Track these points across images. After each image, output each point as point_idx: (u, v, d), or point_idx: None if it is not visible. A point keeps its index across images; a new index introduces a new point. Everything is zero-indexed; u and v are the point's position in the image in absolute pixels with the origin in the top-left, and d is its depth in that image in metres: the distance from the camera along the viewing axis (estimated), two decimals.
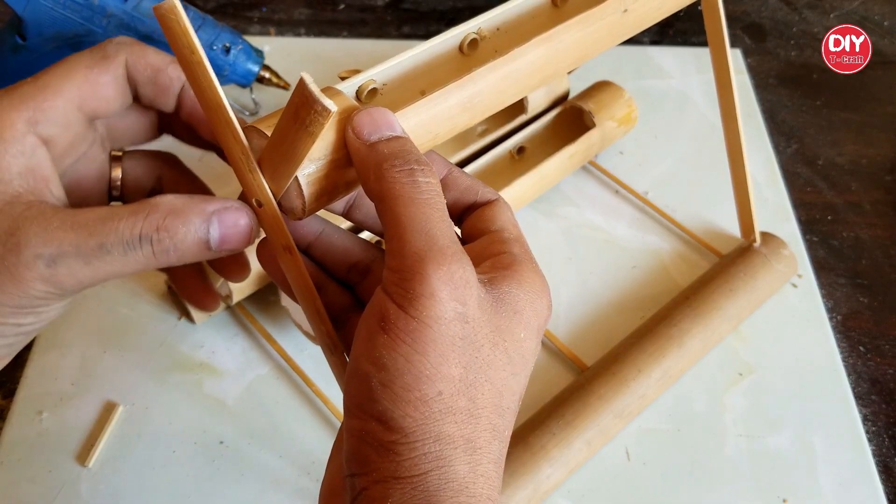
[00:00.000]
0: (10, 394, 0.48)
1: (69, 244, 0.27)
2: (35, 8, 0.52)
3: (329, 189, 0.28)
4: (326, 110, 0.24)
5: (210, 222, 0.28)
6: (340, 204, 0.31)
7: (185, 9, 0.56)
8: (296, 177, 0.27)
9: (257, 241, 0.30)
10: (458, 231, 0.31)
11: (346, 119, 0.27)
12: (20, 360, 0.50)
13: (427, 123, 0.30)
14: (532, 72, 0.33)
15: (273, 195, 0.28)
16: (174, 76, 0.32)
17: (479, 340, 0.25)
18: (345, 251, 0.32)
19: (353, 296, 0.32)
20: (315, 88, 0.24)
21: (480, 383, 0.25)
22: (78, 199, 0.34)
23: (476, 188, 0.31)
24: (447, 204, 0.30)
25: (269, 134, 0.27)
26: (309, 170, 0.27)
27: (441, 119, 0.30)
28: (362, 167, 0.26)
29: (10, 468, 0.45)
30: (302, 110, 0.24)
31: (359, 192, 0.31)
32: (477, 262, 0.27)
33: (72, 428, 0.46)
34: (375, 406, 0.24)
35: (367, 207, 0.32)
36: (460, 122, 0.31)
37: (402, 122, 0.29)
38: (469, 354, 0.25)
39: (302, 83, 0.24)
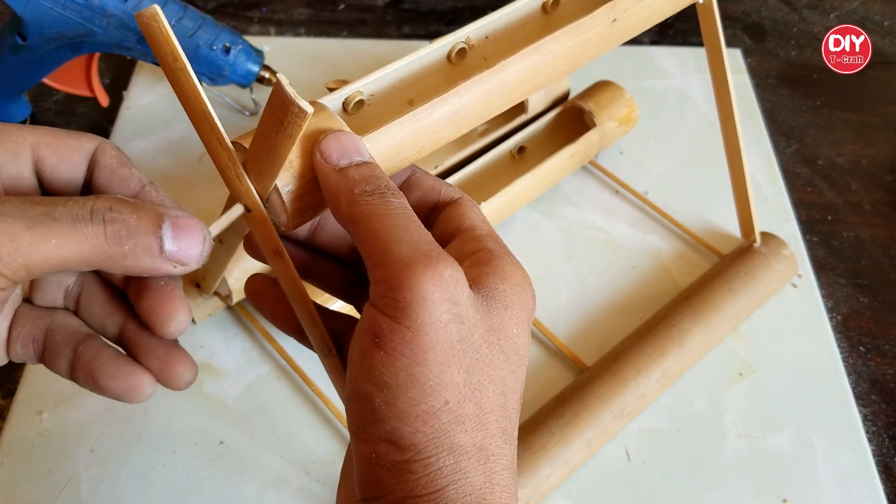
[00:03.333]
0: (9, 394, 0.48)
1: (11, 206, 0.24)
2: (35, 8, 0.52)
3: (314, 204, 0.28)
4: (303, 111, 0.24)
5: (163, 221, 0.25)
6: (304, 228, 0.31)
7: (185, 9, 0.56)
8: (279, 192, 0.27)
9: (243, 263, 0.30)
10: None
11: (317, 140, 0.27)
12: None
13: (412, 137, 0.30)
14: (519, 83, 0.33)
15: (260, 198, 0.28)
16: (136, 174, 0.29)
17: (476, 341, 0.24)
18: (339, 272, 0.31)
19: (348, 319, 0.31)
20: (291, 90, 0.24)
21: (484, 385, 0.24)
22: None
23: (439, 187, 0.30)
24: (412, 204, 0.30)
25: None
26: (291, 186, 0.27)
27: (426, 133, 0.30)
28: (332, 192, 0.26)
29: (10, 468, 0.45)
30: (279, 112, 0.24)
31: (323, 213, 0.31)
32: None
33: (72, 428, 0.46)
34: (383, 427, 0.24)
35: (332, 229, 0.31)
36: (446, 136, 0.31)
37: (387, 136, 0.29)
38: (469, 356, 0.24)
39: (279, 85, 0.24)
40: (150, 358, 0.28)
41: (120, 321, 0.29)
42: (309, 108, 0.24)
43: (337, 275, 0.32)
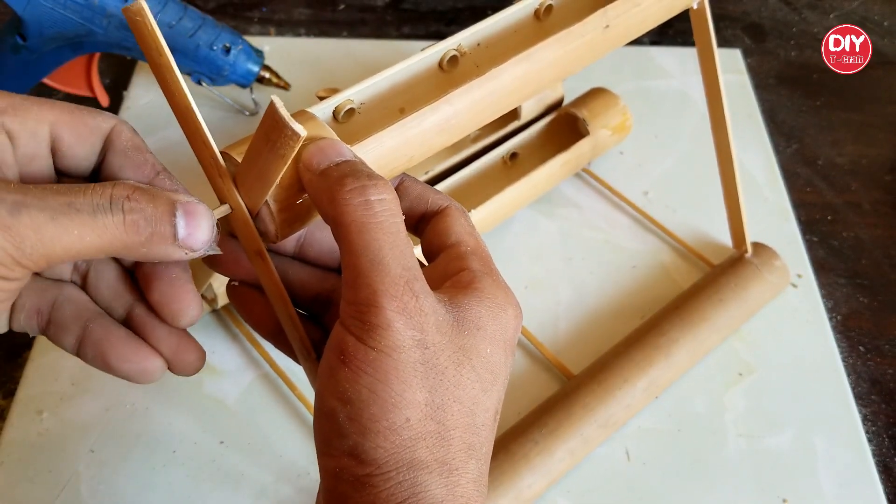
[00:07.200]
0: (10, 394, 0.48)
1: (34, 197, 0.23)
2: (35, 8, 0.52)
3: (302, 214, 0.28)
4: (296, 135, 0.24)
5: (176, 209, 0.26)
6: (291, 243, 0.31)
7: (185, 9, 0.56)
8: (267, 203, 0.27)
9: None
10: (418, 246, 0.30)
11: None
12: (20, 360, 0.50)
13: (402, 147, 0.30)
14: (511, 91, 0.32)
15: (249, 210, 0.27)
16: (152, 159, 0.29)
17: (441, 363, 0.25)
18: (302, 285, 0.31)
19: (321, 329, 0.31)
20: (285, 113, 0.24)
21: (448, 405, 0.25)
22: None
23: (427, 195, 0.30)
24: None
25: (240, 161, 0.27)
26: (279, 196, 0.27)
27: (416, 143, 0.30)
28: (316, 195, 0.26)
29: (10, 468, 0.45)
30: (273, 134, 0.24)
31: (307, 229, 0.31)
32: (438, 284, 0.27)
33: (72, 428, 0.46)
34: (345, 441, 0.24)
35: (319, 244, 0.31)
36: (436, 144, 0.31)
37: (377, 145, 0.29)
38: (433, 378, 0.25)
39: (272, 108, 0.24)
40: (161, 344, 0.28)
41: (127, 304, 0.29)
42: (303, 132, 0.24)
43: (298, 290, 0.31)
